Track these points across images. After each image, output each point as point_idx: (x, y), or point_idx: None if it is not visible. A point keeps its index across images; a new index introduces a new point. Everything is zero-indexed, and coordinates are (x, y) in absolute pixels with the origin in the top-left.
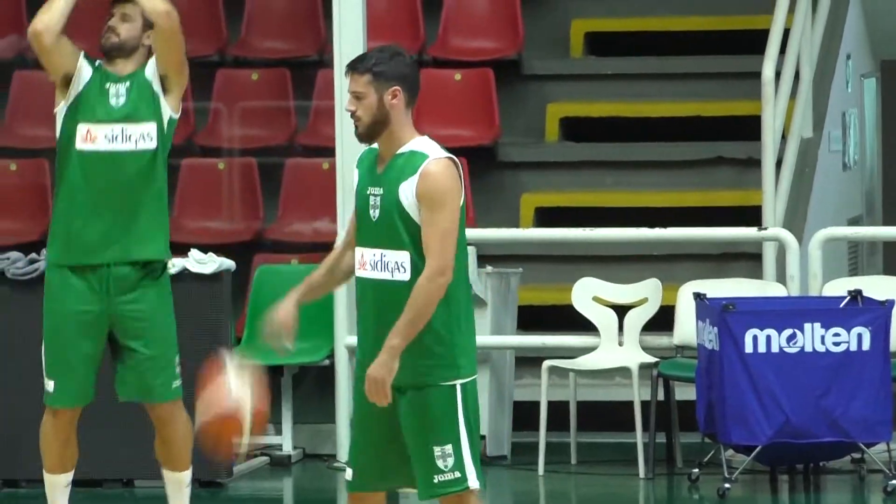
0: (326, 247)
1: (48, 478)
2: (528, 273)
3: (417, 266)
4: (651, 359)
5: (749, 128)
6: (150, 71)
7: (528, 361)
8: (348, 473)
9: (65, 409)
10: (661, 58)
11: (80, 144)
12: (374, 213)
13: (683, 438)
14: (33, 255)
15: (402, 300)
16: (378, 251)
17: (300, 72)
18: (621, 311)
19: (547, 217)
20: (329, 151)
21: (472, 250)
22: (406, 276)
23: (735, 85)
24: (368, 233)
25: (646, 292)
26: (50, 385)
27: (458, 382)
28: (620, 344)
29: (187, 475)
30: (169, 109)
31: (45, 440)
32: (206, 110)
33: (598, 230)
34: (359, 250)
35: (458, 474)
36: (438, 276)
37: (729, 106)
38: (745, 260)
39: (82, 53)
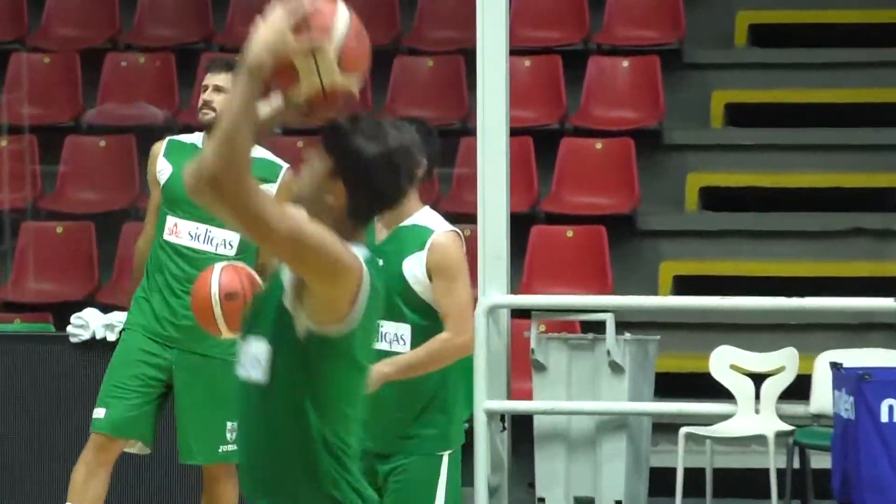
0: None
1: None
2: (666, 340)
3: (418, 338)
4: (787, 427)
5: (887, 199)
6: None
7: (665, 428)
8: None
9: None
10: (799, 129)
11: None
12: None
13: None
14: None
15: None
16: None
17: (444, 140)
18: (758, 379)
19: (685, 285)
20: (471, 218)
21: (609, 317)
22: (405, 348)
23: (874, 156)
24: None
25: (782, 361)
26: None
27: (447, 454)
28: (757, 412)
29: None
30: None
31: None
32: None
33: (736, 299)
34: None
35: None
36: (460, 346)
37: (868, 177)
38: (881, 330)
39: None
